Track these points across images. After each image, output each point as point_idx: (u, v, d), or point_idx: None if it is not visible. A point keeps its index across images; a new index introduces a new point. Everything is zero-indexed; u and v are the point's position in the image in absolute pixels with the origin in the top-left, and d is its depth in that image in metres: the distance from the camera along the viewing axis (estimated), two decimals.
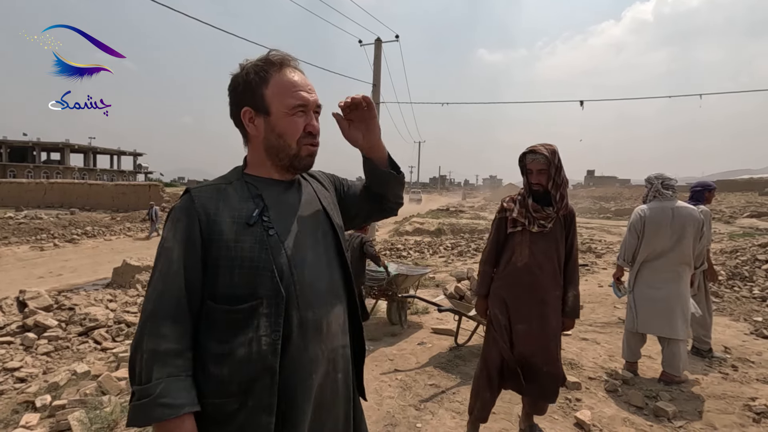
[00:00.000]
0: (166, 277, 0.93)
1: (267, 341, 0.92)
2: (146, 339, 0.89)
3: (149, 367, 0.87)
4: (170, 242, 0.95)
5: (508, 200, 2.37)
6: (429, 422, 2.70)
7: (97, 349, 5.40)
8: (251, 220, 0.96)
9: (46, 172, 44.99)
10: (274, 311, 0.93)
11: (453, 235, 15.46)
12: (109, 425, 2.79)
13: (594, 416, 2.73)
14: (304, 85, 1.04)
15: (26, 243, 14.58)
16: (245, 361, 0.91)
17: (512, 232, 2.29)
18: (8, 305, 6.00)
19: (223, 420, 0.92)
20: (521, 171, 2.29)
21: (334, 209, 1.17)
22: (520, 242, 2.26)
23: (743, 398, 2.97)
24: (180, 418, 0.87)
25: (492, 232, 2.41)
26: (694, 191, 3.83)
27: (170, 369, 0.88)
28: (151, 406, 0.85)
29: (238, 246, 0.94)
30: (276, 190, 1.06)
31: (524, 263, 2.23)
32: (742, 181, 43.48)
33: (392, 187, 1.21)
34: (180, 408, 0.86)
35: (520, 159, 2.26)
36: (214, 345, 0.93)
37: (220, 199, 0.99)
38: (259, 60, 1.04)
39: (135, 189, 28.74)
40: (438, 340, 4.20)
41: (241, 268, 0.94)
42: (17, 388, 4.25)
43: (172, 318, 0.91)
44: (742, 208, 21.23)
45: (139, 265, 8.44)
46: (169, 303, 0.91)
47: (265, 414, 0.91)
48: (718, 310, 5.21)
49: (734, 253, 7.76)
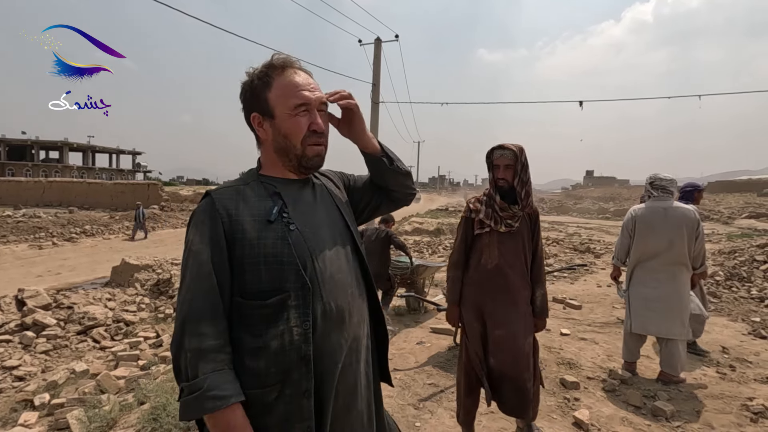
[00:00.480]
0: (198, 279, 0.96)
1: (299, 331, 0.96)
2: (188, 338, 0.93)
3: (194, 365, 0.91)
4: (198, 245, 0.98)
5: (473, 200, 2.34)
6: (428, 421, 2.71)
7: (96, 348, 5.40)
8: (272, 217, 1.01)
9: (44, 171, 44.93)
10: (302, 302, 0.97)
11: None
12: (108, 424, 2.79)
13: (592, 416, 2.73)
14: (306, 84, 1.05)
15: (25, 241, 14.56)
16: (280, 352, 0.96)
17: (479, 233, 2.27)
18: (7, 304, 6.00)
19: (263, 410, 0.96)
20: (488, 167, 2.28)
21: (346, 206, 1.21)
22: (488, 243, 2.24)
23: (741, 398, 2.98)
24: (230, 408, 0.91)
25: (459, 233, 2.36)
26: (684, 192, 3.94)
27: (214, 364, 0.92)
28: (201, 399, 0.89)
29: (261, 243, 0.98)
30: (292, 188, 1.09)
31: (495, 264, 2.21)
32: (741, 182, 43.56)
33: (391, 177, 1.23)
34: (228, 399, 0.90)
35: (488, 155, 2.26)
36: (248, 339, 0.97)
37: (240, 199, 1.03)
38: (262, 65, 1.07)
39: (134, 188, 28.68)
40: (437, 339, 4.21)
41: (266, 264, 0.97)
42: (16, 386, 4.25)
43: (210, 317, 0.94)
44: (740, 209, 21.30)
45: (138, 264, 8.43)
46: (204, 303, 0.95)
47: (305, 399, 0.96)
48: (716, 310, 5.23)
49: (732, 253, 7.78)
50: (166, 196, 27.17)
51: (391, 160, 1.22)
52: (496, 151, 2.22)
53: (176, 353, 0.95)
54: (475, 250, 2.29)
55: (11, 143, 47.78)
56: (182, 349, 0.93)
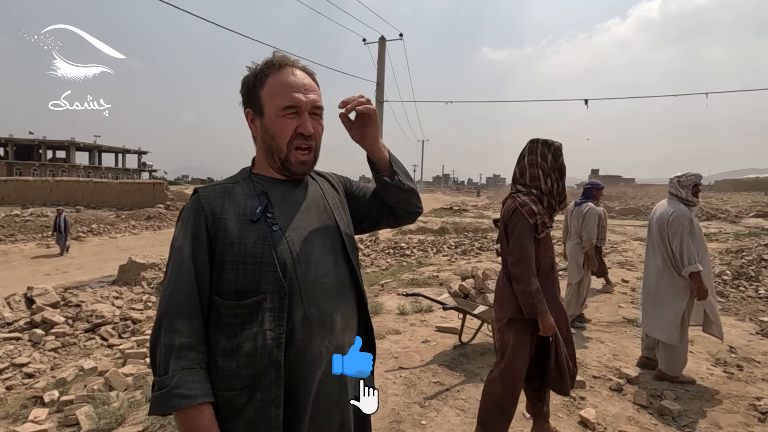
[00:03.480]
0: (178, 275, 0.96)
1: (272, 335, 0.94)
2: (163, 334, 0.93)
3: (166, 361, 0.91)
4: (180, 241, 0.98)
5: (527, 201, 2.15)
6: (434, 419, 2.71)
7: (104, 346, 5.44)
8: (255, 216, 0.99)
9: (51, 170, 45.28)
10: (278, 306, 0.95)
11: (456, 233, 15.44)
12: (117, 420, 2.82)
13: (598, 415, 2.73)
14: (299, 85, 1.02)
15: (33, 240, 14.71)
16: (252, 355, 0.93)
17: (542, 236, 2.19)
18: (16, 302, 6.06)
19: (233, 414, 0.94)
20: (558, 166, 2.15)
21: (340, 209, 1.16)
22: (546, 244, 2.22)
23: (748, 398, 2.96)
24: (197, 408, 0.90)
25: (526, 241, 2.11)
26: (584, 189, 4.36)
27: (184, 362, 0.91)
28: (167, 396, 0.88)
29: (242, 243, 0.96)
30: (281, 189, 1.07)
31: (550, 263, 2.22)
32: (749, 181, 43.10)
33: (394, 192, 1.16)
34: (194, 398, 0.89)
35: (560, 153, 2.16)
36: (222, 340, 0.95)
37: (226, 197, 1.02)
38: (262, 62, 1.05)
39: (139, 187, 28.88)
40: (442, 338, 4.21)
41: (246, 264, 0.96)
42: (26, 383, 4.30)
43: (185, 314, 0.94)
44: (748, 208, 21.08)
45: (144, 262, 8.49)
46: (181, 299, 0.94)
47: (273, 406, 0.94)
48: (723, 309, 5.19)
49: (740, 252, 7.73)
50: (171, 195, 27.33)
51: (394, 173, 1.14)
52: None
53: (152, 348, 0.95)
54: (536, 254, 2.17)
55: (19, 143, 48.21)
56: (157, 344, 0.93)
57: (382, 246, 12.29)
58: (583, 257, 4.57)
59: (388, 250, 11.70)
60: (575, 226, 4.60)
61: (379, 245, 12.43)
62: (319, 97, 1.06)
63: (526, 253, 2.10)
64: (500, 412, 2.23)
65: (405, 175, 1.17)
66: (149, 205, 25.03)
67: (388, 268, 9.48)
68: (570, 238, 4.70)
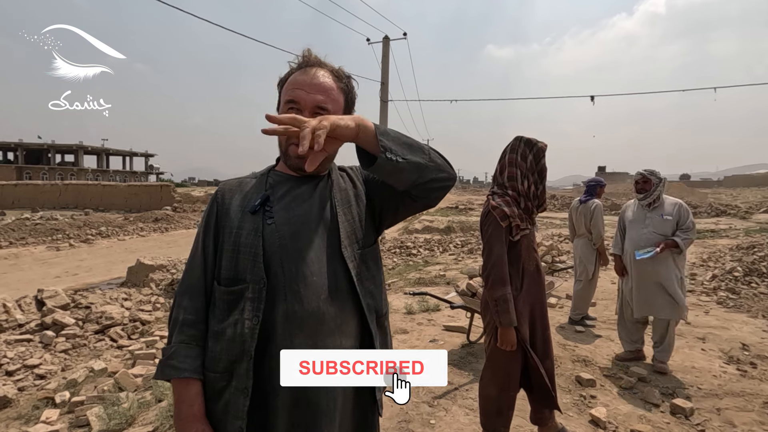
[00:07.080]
0: (192, 258, 1.07)
1: (249, 325, 0.96)
2: (174, 308, 1.05)
3: (171, 333, 1.03)
4: (199, 228, 1.09)
5: (500, 204, 2.08)
6: (442, 418, 2.70)
7: (114, 347, 5.48)
8: (253, 208, 1.03)
9: (60, 174, 45.84)
10: (257, 296, 0.97)
11: (463, 232, 15.39)
12: (127, 420, 2.83)
13: (609, 413, 2.70)
14: (305, 83, 1.02)
15: (43, 243, 14.87)
16: (231, 341, 0.98)
17: (517, 239, 2.12)
18: (27, 304, 6.13)
19: (214, 396, 1.00)
20: (536, 166, 2.11)
21: (351, 204, 1.10)
22: (526, 246, 2.13)
23: (763, 395, 2.92)
24: (185, 381, 0.98)
25: (495, 245, 2.04)
26: (588, 186, 4.58)
27: (183, 336, 1.01)
28: (163, 365, 0.99)
29: (239, 232, 1.02)
30: (289, 184, 1.09)
31: (535, 265, 2.17)
32: (759, 176, 42.52)
33: (396, 179, 0.97)
34: (182, 371, 0.97)
35: (543, 156, 2.12)
36: (213, 322, 1.02)
37: (238, 190, 1.10)
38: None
39: (147, 189, 29.13)
40: (450, 337, 4.19)
41: (238, 252, 1.01)
42: (37, 384, 4.35)
43: (191, 293, 1.04)
44: (758, 204, 20.79)
45: (152, 264, 8.55)
46: (190, 280, 1.05)
47: (242, 396, 0.96)
48: (735, 306, 5.12)
49: (751, 249, 7.62)
50: (178, 197, 27.54)
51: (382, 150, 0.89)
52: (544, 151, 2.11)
53: (169, 321, 1.07)
54: (513, 258, 2.10)
55: (28, 147, 48.88)
56: (170, 318, 1.06)
57: (388, 245, 12.28)
58: (594, 253, 4.53)
59: (394, 249, 11.69)
60: (583, 222, 4.56)
61: (385, 245, 12.42)
62: (328, 98, 1.02)
63: (495, 258, 2.02)
64: (497, 414, 2.22)
65: (404, 147, 0.93)
66: (157, 207, 25.24)
67: (394, 267, 9.47)
68: (578, 236, 4.66)
